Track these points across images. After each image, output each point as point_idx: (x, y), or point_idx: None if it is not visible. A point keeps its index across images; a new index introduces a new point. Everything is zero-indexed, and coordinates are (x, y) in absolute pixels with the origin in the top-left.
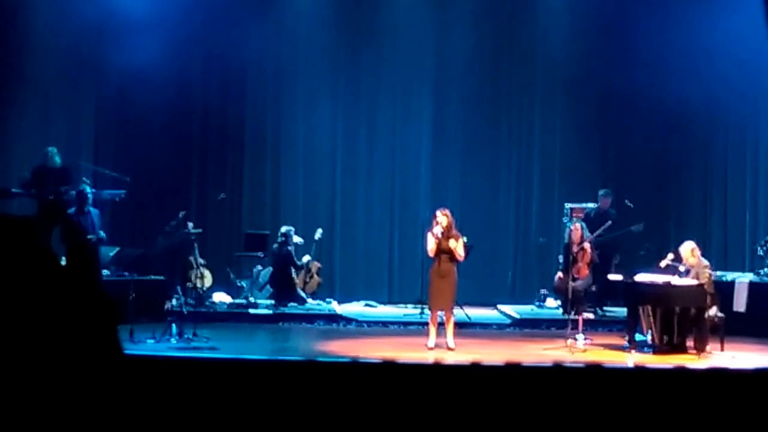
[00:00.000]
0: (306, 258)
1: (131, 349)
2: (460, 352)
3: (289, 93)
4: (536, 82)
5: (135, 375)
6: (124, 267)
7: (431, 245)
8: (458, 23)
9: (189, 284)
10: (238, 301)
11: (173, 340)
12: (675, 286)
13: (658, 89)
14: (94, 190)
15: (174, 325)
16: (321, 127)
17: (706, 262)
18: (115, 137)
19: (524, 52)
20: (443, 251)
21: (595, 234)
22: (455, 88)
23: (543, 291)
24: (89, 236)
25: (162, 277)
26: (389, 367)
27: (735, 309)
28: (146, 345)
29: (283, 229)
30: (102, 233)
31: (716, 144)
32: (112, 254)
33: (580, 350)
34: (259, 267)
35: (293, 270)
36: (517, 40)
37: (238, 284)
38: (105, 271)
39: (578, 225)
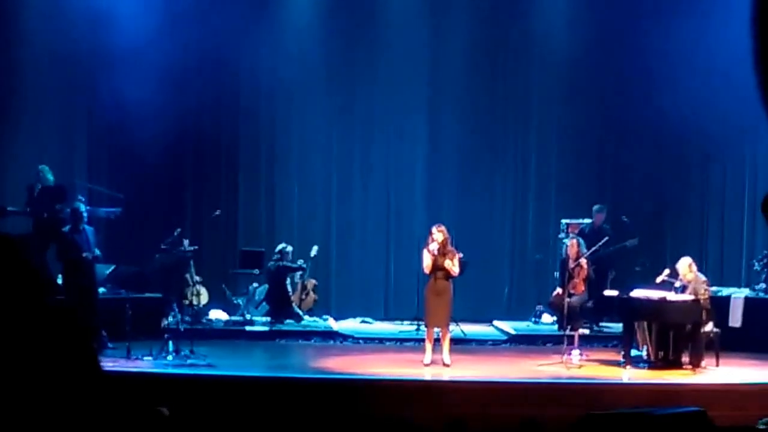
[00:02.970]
0: (309, 280)
1: (128, 366)
2: (456, 369)
3: (284, 110)
4: (532, 99)
5: (117, 392)
6: (121, 285)
7: (427, 262)
8: (453, 40)
9: (185, 301)
10: (234, 318)
11: (170, 358)
12: (670, 302)
13: (656, 104)
14: (89, 208)
15: (171, 343)
16: (316, 144)
17: (703, 278)
18: (109, 155)
19: (520, 69)
20: (439, 268)
21: (591, 250)
22: (450, 105)
23: (539, 307)
24: (84, 254)
25: (158, 295)
26: (386, 384)
27: (730, 324)
28: (143, 362)
29: (279, 246)
30: (97, 251)
31: (714, 158)
32: (108, 272)
33: (575, 366)
34: (255, 284)
35: (289, 281)
36: (513, 57)
37: (235, 301)
38: (101, 289)
39: (575, 241)
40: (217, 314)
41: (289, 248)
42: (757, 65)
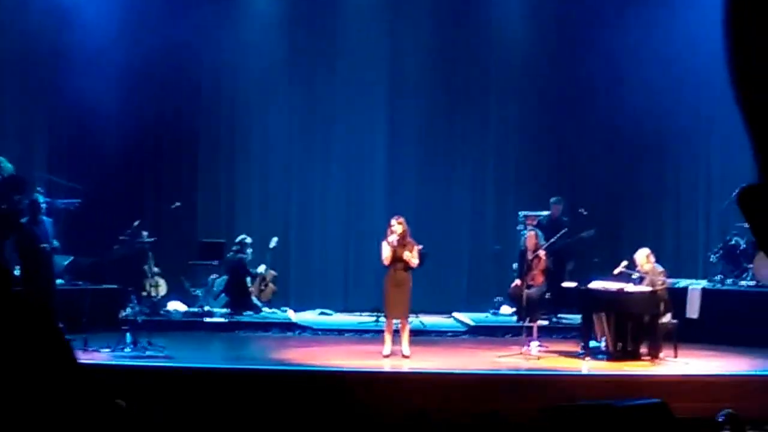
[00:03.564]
0: (262, 268)
1: (85, 358)
2: (415, 360)
3: (244, 101)
4: (491, 91)
5: (93, 383)
6: (79, 276)
7: (386, 254)
8: (414, 31)
9: (143, 293)
10: (193, 309)
11: (128, 350)
12: (629, 293)
13: (613, 98)
14: (47, 199)
15: (129, 334)
16: (276, 136)
17: (660, 269)
18: (69, 146)
19: (479, 62)
20: (398, 260)
21: (549, 241)
22: (410, 97)
23: (498, 298)
24: (43, 245)
25: (116, 286)
26: (345, 375)
27: (688, 315)
28: (101, 354)
29: (239, 237)
30: (56, 242)
31: (669, 152)
32: (66, 263)
33: (534, 357)
34: (214, 275)
35: (248, 277)
36: (473, 49)
37: (193, 293)
38: (59, 280)
39: (533, 233)
40: (175, 306)
41: (249, 239)
42: (730, 65)
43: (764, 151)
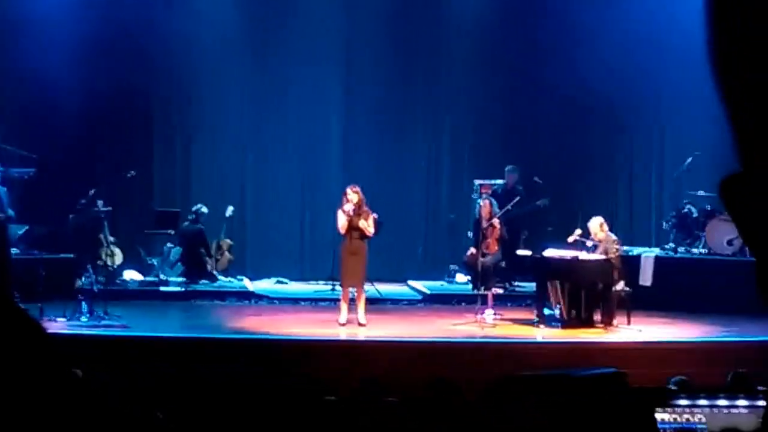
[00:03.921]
0: (224, 241)
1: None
2: (371, 328)
3: (198, 70)
4: (445, 61)
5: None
6: (34, 245)
7: (342, 222)
8: (369, 1)
9: (99, 262)
10: (149, 278)
11: (84, 319)
12: (583, 261)
13: (568, 68)
14: (1, 168)
15: (84, 304)
16: (231, 104)
17: (614, 237)
18: (23, 115)
19: (435, 30)
20: (354, 228)
21: (503, 210)
22: (366, 65)
23: (453, 267)
24: None
25: (72, 255)
26: (301, 344)
27: (641, 283)
28: (56, 323)
29: (194, 207)
30: (11, 211)
31: (623, 121)
32: (21, 232)
33: (489, 325)
34: (170, 244)
35: (203, 249)
36: (428, 19)
37: (149, 262)
38: (14, 250)
39: (488, 201)
40: (131, 275)
41: (204, 209)
42: (712, 45)
43: (746, 136)
